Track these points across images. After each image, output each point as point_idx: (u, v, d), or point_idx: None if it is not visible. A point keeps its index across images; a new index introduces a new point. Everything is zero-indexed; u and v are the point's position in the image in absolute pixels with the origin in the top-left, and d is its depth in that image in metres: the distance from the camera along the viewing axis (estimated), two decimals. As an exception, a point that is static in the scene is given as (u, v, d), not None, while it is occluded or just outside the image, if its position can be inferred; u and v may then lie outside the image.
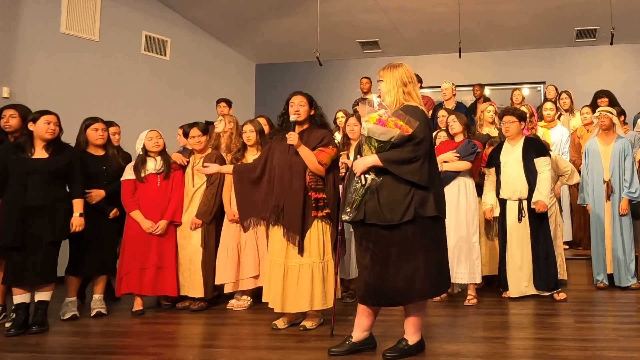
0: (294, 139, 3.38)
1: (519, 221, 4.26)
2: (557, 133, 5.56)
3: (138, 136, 4.19)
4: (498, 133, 5.31)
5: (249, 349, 3.09)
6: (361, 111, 2.84)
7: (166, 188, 4.13)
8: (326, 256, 3.43)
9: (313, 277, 3.38)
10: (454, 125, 4.28)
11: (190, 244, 4.13)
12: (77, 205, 3.69)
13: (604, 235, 4.72)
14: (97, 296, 3.99)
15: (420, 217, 2.72)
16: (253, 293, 4.15)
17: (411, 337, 2.87)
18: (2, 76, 5.43)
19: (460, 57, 6.76)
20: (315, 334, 3.33)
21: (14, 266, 3.49)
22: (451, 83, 6.37)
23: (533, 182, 4.21)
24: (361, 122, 2.84)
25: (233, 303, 4.13)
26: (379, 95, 2.93)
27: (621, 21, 6.45)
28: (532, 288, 4.26)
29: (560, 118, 5.99)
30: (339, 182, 3.65)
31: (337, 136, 5.14)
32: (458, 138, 4.28)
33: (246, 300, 4.14)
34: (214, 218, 4.17)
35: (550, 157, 4.33)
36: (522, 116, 4.40)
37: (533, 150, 4.26)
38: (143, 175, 4.07)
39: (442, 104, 6.35)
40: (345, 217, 2.80)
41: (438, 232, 2.85)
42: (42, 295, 3.59)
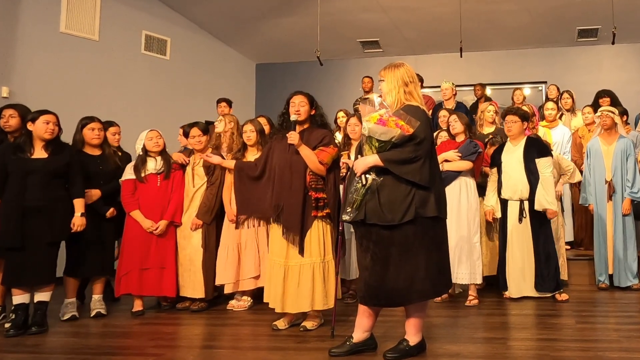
0: (295, 139, 3.36)
1: (520, 222, 4.25)
2: (559, 133, 5.54)
3: (138, 136, 4.18)
4: (495, 129, 5.30)
5: (250, 350, 3.08)
6: (362, 111, 2.83)
7: (166, 188, 4.12)
8: (327, 256, 3.43)
9: (314, 278, 3.37)
10: (456, 125, 4.27)
11: (190, 245, 4.12)
12: (78, 205, 3.67)
13: (606, 235, 4.71)
14: (97, 296, 3.98)
15: (421, 217, 2.72)
16: (253, 293, 4.14)
17: (412, 338, 2.86)
18: (2, 76, 5.42)
19: (461, 57, 6.74)
20: (315, 335, 3.32)
21: (14, 267, 3.48)
22: (451, 83, 6.34)
23: (534, 183, 4.19)
24: (362, 122, 2.83)
25: (233, 304, 4.12)
26: (380, 95, 2.92)
27: (623, 21, 6.43)
28: (533, 290, 4.24)
29: (561, 118, 5.97)
30: (340, 182, 3.64)
31: (338, 136, 5.13)
32: (459, 138, 4.26)
33: (246, 300, 4.13)
34: (215, 218, 4.16)
35: (552, 158, 4.32)
36: (525, 116, 4.38)
37: (535, 150, 4.25)
38: (143, 175, 4.05)
39: (442, 104, 6.33)
40: (345, 217, 2.79)
41: (439, 233, 2.84)
42: (42, 295, 3.58)
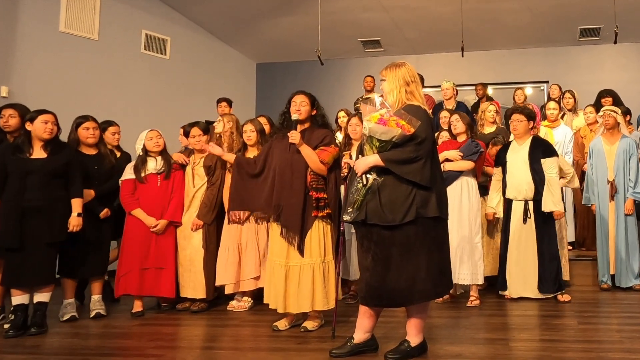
0: (296, 138, 3.35)
1: (524, 222, 4.23)
2: (561, 133, 5.52)
3: (138, 136, 4.17)
4: (496, 128, 5.29)
5: (250, 351, 3.07)
6: (363, 110, 2.81)
7: (166, 188, 4.10)
8: (327, 257, 3.42)
9: (314, 278, 3.36)
10: (458, 124, 4.25)
11: (190, 245, 4.10)
12: (76, 204, 3.65)
13: (608, 236, 4.68)
14: (96, 297, 3.96)
15: (422, 218, 2.71)
16: (254, 294, 4.13)
17: (413, 339, 2.85)
18: (1, 75, 5.40)
19: (462, 56, 6.73)
20: (316, 336, 3.31)
21: (13, 267, 3.46)
22: (452, 82, 6.33)
23: (539, 183, 4.17)
24: (363, 122, 2.82)
25: (234, 304, 4.10)
26: (382, 94, 2.91)
27: (625, 20, 6.40)
28: (536, 291, 4.21)
29: (563, 118, 5.95)
30: (341, 182, 3.62)
31: (339, 136, 5.11)
32: (461, 138, 4.25)
33: (247, 301, 4.12)
34: (215, 218, 4.14)
35: (557, 158, 4.29)
36: (531, 115, 4.35)
37: (540, 150, 4.22)
38: (143, 175, 4.04)
39: (443, 104, 6.31)
40: (346, 217, 2.78)
41: (440, 233, 2.83)
42: (41, 296, 3.57)
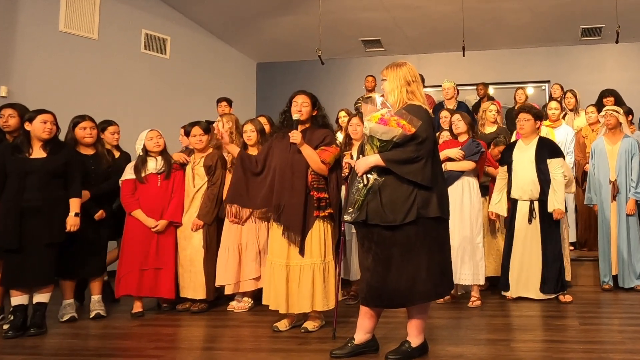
0: (297, 138, 3.33)
1: (530, 222, 4.21)
2: (562, 133, 5.49)
3: (137, 136, 4.15)
4: (497, 128, 5.28)
5: (250, 352, 3.06)
6: (364, 110, 2.80)
7: (167, 188, 4.08)
8: (327, 257, 3.41)
9: (314, 278, 3.35)
10: (459, 124, 4.24)
11: (191, 245, 4.09)
12: (74, 204, 3.63)
13: (610, 236, 4.66)
14: (96, 297, 3.95)
15: (423, 218, 2.70)
16: (254, 295, 4.11)
17: (414, 339, 2.84)
18: (0, 75, 5.39)
19: (463, 56, 6.71)
20: (317, 336, 3.30)
21: (12, 267, 3.45)
22: (452, 82, 6.31)
23: (545, 183, 4.15)
24: (363, 121, 2.80)
25: (234, 305, 4.09)
26: (383, 94, 2.90)
27: (627, 19, 6.38)
28: (538, 292, 4.20)
29: (564, 117, 5.93)
30: (342, 182, 3.60)
31: (339, 136, 5.10)
32: (462, 138, 4.23)
33: (247, 302, 4.10)
34: (216, 219, 4.13)
35: (563, 159, 4.27)
36: (539, 114, 4.33)
37: (547, 150, 4.20)
38: (143, 175, 4.02)
39: (443, 103, 6.29)
40: (347, 218, 2.77)
41: (441, 233, 2.82)
42: (41, 297, 3.55)
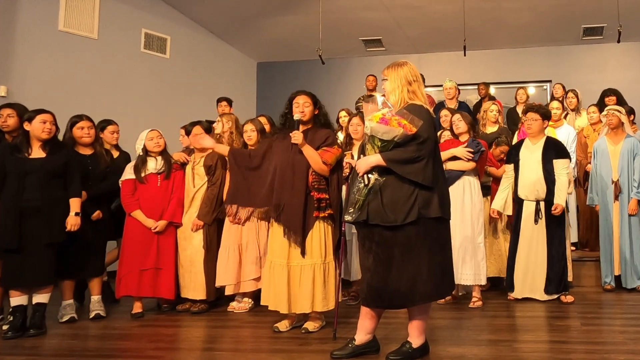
0: (299, 138, 3.32)
1: (536, 222, 4.19)
2: (564, 132, 5.48)
3: (137, 136, 4.14)
4: (498, 128, 5.27)
5: (251, 352, 3.05)
6: (365, 110, 2.79)
7: (166, 188, 4.07)
8: (327, 257, 3.40)
9: (314, 279, 3.34)
10: (460, 124, 4.22)
11: (191, 245, 4.08)
12: (74, 204, 3.63)
13: (612, 236, 4.64)
14: (96, 297, 3.94)
15: (424, 218, 2.68)
16: (254, 295, 4.10)
17: (415, 340, 2.83)
18: (0, 75, 5.38)
19: (465, 56, 6.70)
20: (317, 337, 3.29)
21: (12, 268, 3.45)
22: (454, 82, 6.29)
23: (551, 183, 4.14)
24: (364, 121, 2.79)
25: (234, 305, 4.08)
26: (383, 94, 2.89)
27: (629, 19, 6.37)
28: (542, 292, 4.18)
29: (566, 117, 5.92)
30: (343, 183, 3.59)
31: (340, 136, 5.09)
32: (463, 137, 4.22)
33: (247, 302, 4.09)
34: (216, 219, 4.11)
35: (569, 160, 4.26)
36: (546, 114, 4.32)
37: (553, 151, 4.19)
38: (143, 175, 4.01)
39: (444, 103, 6.28)
40: (347, 218, 2.76)
41: (442, 234, 2.81)
42: (40, 297, 3.55)
